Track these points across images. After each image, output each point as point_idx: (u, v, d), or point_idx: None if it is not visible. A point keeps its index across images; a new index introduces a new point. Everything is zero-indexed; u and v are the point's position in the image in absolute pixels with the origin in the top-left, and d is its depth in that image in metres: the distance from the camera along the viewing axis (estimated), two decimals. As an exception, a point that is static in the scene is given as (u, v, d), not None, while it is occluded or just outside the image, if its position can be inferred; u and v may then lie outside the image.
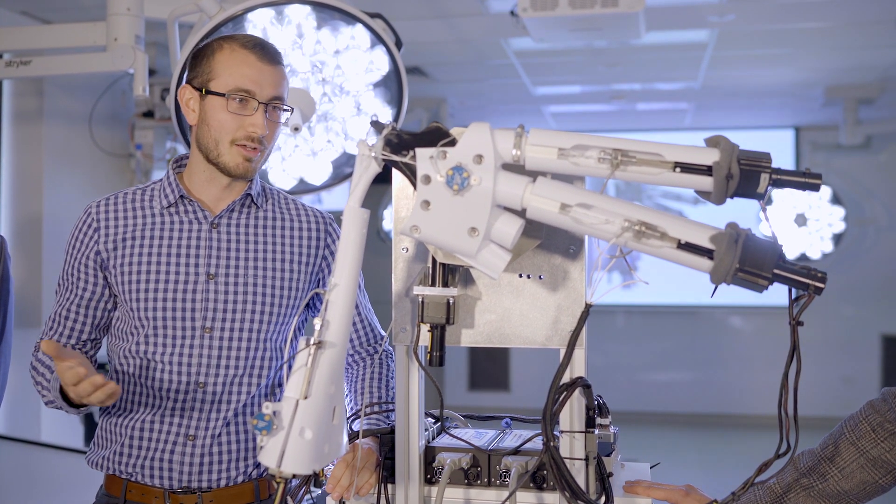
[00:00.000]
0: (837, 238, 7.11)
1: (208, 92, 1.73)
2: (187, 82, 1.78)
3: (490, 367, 8.44)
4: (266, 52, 1.75)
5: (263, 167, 2.50)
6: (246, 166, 1.75)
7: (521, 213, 1.13)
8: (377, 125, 1.19)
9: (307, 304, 1.90)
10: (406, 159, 1.15)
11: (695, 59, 5.32)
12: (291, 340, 1.85)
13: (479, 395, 8.43)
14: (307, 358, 1.12)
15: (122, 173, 4.84)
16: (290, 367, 1.16)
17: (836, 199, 7.09)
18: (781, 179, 1.10)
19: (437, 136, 1.15)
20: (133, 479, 1.77)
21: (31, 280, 4.34)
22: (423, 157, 1.13)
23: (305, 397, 1.11)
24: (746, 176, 1.08)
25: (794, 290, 1.10)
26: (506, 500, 1.32)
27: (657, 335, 8.27)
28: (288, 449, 1.09)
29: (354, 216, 1.17)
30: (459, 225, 1.10)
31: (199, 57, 1.77)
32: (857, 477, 1.42)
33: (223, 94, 1.72)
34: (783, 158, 7.89)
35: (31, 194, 4.37)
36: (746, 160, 1.08)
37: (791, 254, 7.11)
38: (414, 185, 1.14)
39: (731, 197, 1.10)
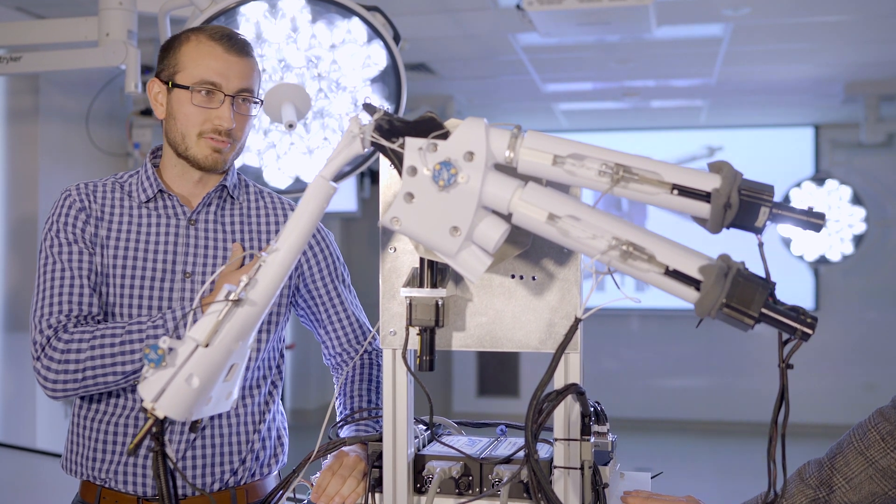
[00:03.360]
0: (858, 239, 7.05)
1: (174, 85, 1.72)
2: (155, 76, 1.78)
3: (499, 372, 8.41)
4: (233, 44, 1.73)
5: (258, 165, 2.50)
6: (216, 158, 1.74)
7: (509, 218, 1.11)
8: (370, 108, 1.17)
9: (287, 303, 1.88)
10: (395, 146, 1.12)
11: (709, 54, 5.29)
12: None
13: (489, 402, 8.41)
14: (222, 309, 1.09)
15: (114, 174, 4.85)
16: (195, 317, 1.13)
17: (856, 200, 7.03)
18: (782, 215, 1.07)
19: (429, 127, 1.13)
20: (107, 485, 1.75)
21: (26, 282, 4.34)
22: (412, 148, 1.11)
23: (206, 345, 1.08)
24: (745, 207, 1.05)
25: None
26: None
27: (673, 340, 8.22)
28: (169, 389, 1.07)
29: (320, 188, 1.15)
30: (441, 222, 1.08)
31: (167, 49, 1.77)
32: (865, 488, 1.39)
33: (188, 87, 1.71)
34: (802, 157, 7.84)
35: (26, 194, 4.37)
36: (747, 191, 1.05)
37: (810, 255, 7.05)
38: (400, 173, 1.12)
39: (728, 227, 1.07)
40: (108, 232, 1.76)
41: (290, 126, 2.27)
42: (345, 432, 1.68)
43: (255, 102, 1.78)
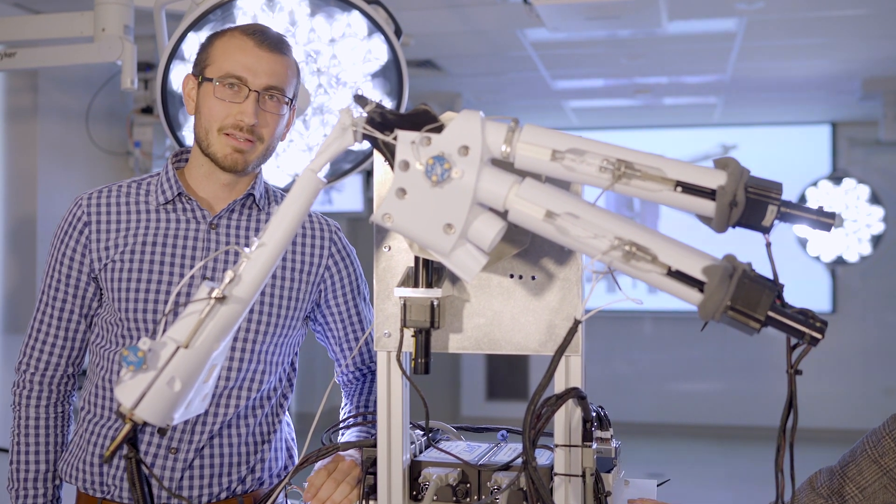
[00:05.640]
0: (876, 240, 6.98)
1: (203, 79, 1.71)
2: (191, 72, 1.77)
3: (508, 375, 8.38)
4: (265, 38, 1.70)
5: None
6: (235, 157, 1.71)
7: (505, 215, 1.08)
8: (361, 100, 1.14)
9: (302, 316, 1.86)
10: (388, 138, 1.10)
11: (723, 50, 5.24)
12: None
13: (498, 405, 8.37)
14: (204, 308, 1.07)
15: (121, 172, 4.84)
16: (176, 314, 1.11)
17: (874, 199, 6.96)
18: (791, 214, 1.04)
19: (423, 120, 1.11)
20: (108, 495, 1.73)
21: (25, 283, 4.33)
22: (405, 141, 1.08)
23: (186, 346, 1.05)
24: (752, 206, 1.02)
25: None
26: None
27: (686, 343, 8.16)
28: (150, 394, 1.04)
29: (308, 181, 1.13)
30: (435, 219, 1.06)
31: (203, 46, 1.76)
32: (879, 498, 1.36)
33: (213, 80, 1.69)
34: (819, 156, 7.78)
35: (24, 194, 4.37)
36: (754, 188, 1.02)
37: (827, 256, 7.00)
38: (393, 168, 1.09)
39: (734, 226, 1.04)
40: (125, 242, 1.74)
41: (289, 123, 2.26)
42: (347, 437, 1.66)
43: (286, 102, 1.73)
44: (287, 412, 1.89)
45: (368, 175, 7.40)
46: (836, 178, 7.09)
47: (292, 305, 1.79)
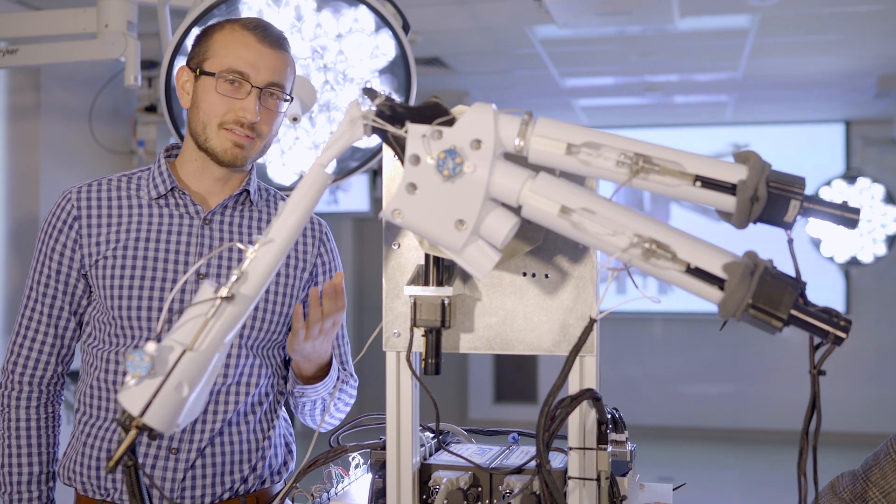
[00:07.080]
0: (891, 240, 6.94)
1: (202, 72, 1.70)
2: (186, 63, 1.76)
3: (517, 377, 8.36)
4: (267, 34, 1.71)
5: (261, 161, 2.47)
6: (235, 152, 1.70)
7: (518, 211, 1.06)
8: (370, 93, 1.12)
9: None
10: (399, 132, 1.08)
11: (735, 47, 5.22)
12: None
13: (506, 408, 8.36)
14: (210, 310, 1.05)
15: (124, 171, 4.83)
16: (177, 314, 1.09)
17: (889, 199, 6.92)
18: (814, 209, 1.01)
19: (434, 113, 1.09)
20: (108, 497, 1.72)
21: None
22: (415, 135, 1.06)
23: (192, 349, 1.03)
24: (774, 201, 1.00)
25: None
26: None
27: (698, 344, 8.14)
28: (157, 400, 1.01)
29: (316, 176, 1.11)
30: (446, 215, 1.04)
31: (200, 37, 1.75)
32: (904, 502, 1.34)
33: (214, 74, 1.68)
34: (833, 155, 7.74)
35: (27, 193, 4.37)
36: (776, 183, 1.00)
37: (841, 257, 6.96)
38: (403, 162, 1.08)
39: (755, 222, 1.02)
40: (118, 238, 1.72)
41: (295, 120, 2.24)
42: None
43: (286, 99, 1.75)
44: (283, 408, 1.89)
45: (375, 174, 7.40)
46: (850, 177, 7.05)
47: (285, 301, 1.80)
